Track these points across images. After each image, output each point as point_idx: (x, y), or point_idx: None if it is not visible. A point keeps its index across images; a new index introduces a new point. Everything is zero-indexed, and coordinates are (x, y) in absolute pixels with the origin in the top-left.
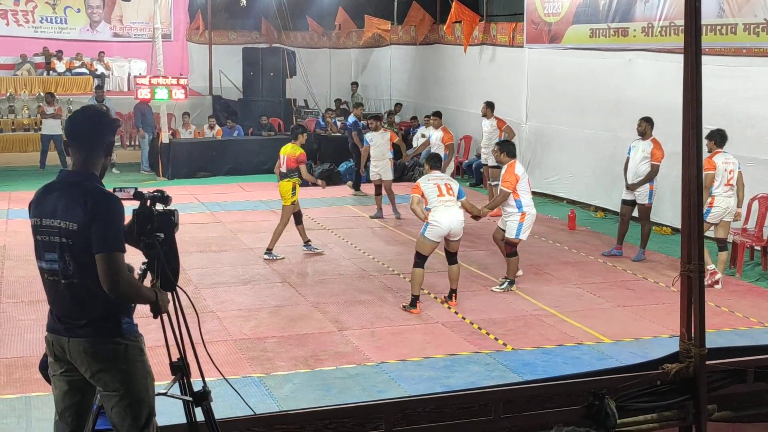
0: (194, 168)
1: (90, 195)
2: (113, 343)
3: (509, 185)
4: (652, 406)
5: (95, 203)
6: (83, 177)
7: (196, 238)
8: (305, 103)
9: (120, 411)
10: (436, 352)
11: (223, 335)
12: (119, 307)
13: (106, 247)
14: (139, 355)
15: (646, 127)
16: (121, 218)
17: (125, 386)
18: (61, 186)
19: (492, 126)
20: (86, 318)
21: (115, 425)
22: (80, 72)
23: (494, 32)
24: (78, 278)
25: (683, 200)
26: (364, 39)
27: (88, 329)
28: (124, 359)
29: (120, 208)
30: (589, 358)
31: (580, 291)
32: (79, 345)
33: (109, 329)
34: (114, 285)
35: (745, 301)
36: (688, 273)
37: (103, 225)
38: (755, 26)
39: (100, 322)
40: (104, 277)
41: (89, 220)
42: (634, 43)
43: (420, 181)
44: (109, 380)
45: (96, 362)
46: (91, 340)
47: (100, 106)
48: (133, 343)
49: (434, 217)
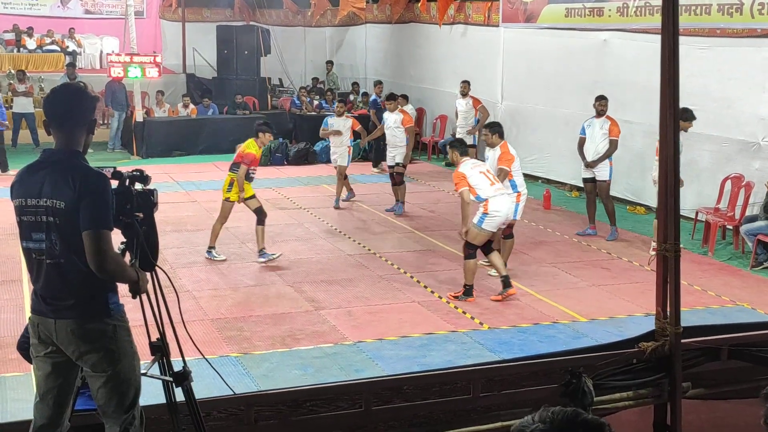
0: (169, 147)
1: (77, 172)
2: (102, 323)
3: (509, 164)
4: (628, 384)
5: (83, 181)
6: (68, 155)
7: (171, 218)
8: (280, 82)
9: (107, 392)
10: (413, 331)
11: (199, 315)
12: (106, 286)
13: (94, 225)
14: (127, 336)
15: (605, 105)
16: (109, 196)
17: (113, 367)
18: (45, 165)
19: (468, 105)
20: (73, 298)
21: (101, 406)
22: (51, 49)
23: (469, 11)
24: (65, 258)
25: (660, 180)
26: (339, 17)
27: (75, 310)
28: (113, 340)
29: (107, 185)
30: (564, 336)
31: (555, 270)
32: (66, 326)
33: (98, 310)
34: (101, 263)
35: (717, 280)
36: (664, 252)
37: (91, 202)
38: (729, 6)
39: (87, 302)
40: (91, 255)
41: (77, 198)
42: (610, 23)
43: (463, 171)
44: (96, 361)
45: (84, 343)
46: (79, 321)
47: (79, 83)
48: (121, 324)
49: (494, 206)
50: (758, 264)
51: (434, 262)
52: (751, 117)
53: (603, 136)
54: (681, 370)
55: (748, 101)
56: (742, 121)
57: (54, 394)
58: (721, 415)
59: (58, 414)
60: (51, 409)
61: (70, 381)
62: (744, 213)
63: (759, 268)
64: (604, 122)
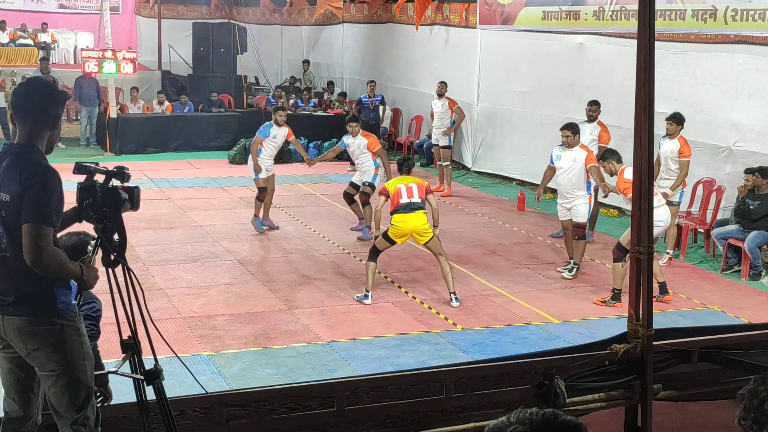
0: (143, 144)
1: (26, 166)
2: (49, 323)
3: None
4: (600, 385)
5: (29, 174)
6: (25, 149)
7: (145, 215)
8: (256, 80)
9: (57, 391)
10: (386, 331)
11: (172, 313)
12: (54, 283)
13: (33, 218)
14: (76, 335)
15: (596, 110)
16: (54, 192)
17: (61, 366)
18: (3, 158)
19: (444, 106)
20: (18, 294)
21: (53, 405)
22: (25, 43)
23: (447, 12)
24: (11, 252)
25: (634, 183)
26: (315, 16)
27: (21, 307)
28: (60, 340)
29: (54, 181)
30: (537, 338)
31: (528, 272)
32: (12, 323)
33: (45, 309)
34: (36, 258)
35: (688, 283)
36: (638, 255)
37: (34, 196)
38: (703, 12)
39: (32, 299)
40: (27, 249)
41: (21, 191)
42: (586, 26)
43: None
44: (45, 360)
45: (31, 341)
46: (26, 319)
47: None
48: (69, 323)
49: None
50: (729, 267)
51: (409, 263)
52: (724, 122)
53: (591, 141)
54: (652, 372)
55: (720, 106)
56: (714, 125)
57: (17, 389)
58: (691, 417)
59: (26, 406)
60: (17, 402)
61: (30, 376)
62: (715, 217)
63: (729, 272)
64: (594, 128)
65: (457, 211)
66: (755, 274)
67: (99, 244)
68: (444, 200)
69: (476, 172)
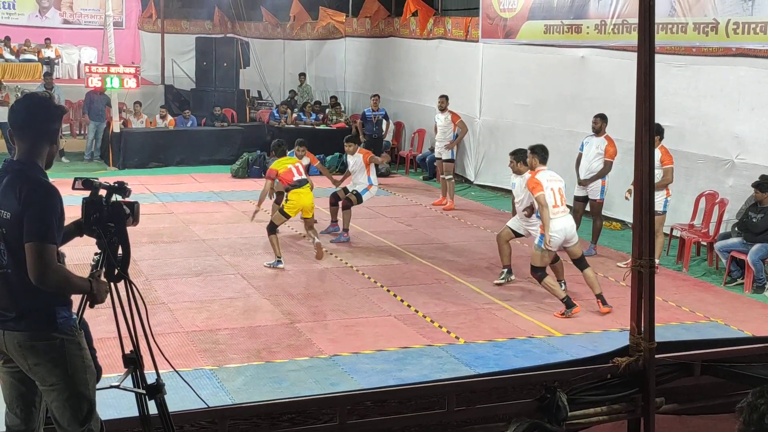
0: (146, 158)
1: (26, 183)
2: (49, 338)
3: None
4: (602, 398)
5: (29, 192)
6: (25, 166)
7: (147, 229)
8: (258, 94)
9: (59, 405)
10: (389, 345)
11: (174, 327)
12: (55, 299)
13: (36, 237)
14: (77, 350)
15: (602, 124)
16: (55, 209)
17: (63, 381)
18: (3, 175)
19: (446, 120)
20: (19, 310)
21: (55, 419)
22: (29, 59)
23: (449, 26)
24: (12, 268)
25: (635, 196)
26: (317, 28)
27: (21, 322)
28: (61, 354)
29: (55, 199)
30: (539, 351)
31: (531, 285)
32: (13, 338)
33: (44, 324)
34: (42, 276)
35: (691, 296)
36: (639, 268)
37: (35, 214)
38: (705, 25)
39: (33, 314)
40: (32, 268)
41: (22, 209)
42: (588, 40)
43: (540, 180)
44: (45, 375)
45: (32, 356)
46: (27, 334)
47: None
48: (69, 338)
49: (553, 227)
50: (732, 280)
51: (411, 276)
52: (726, 134)
53: (597, 155)
54: (655, 385)
55: (722, 119)
56: (716, 138)
57: (19, 403)
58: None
59: (28, 420)
60: (19, 417)
61: (31, 390)
62: (718, 230)
63: (732, 285)
64: (601, 142)
65: (460, 224)
66: (758, 286)
67: (102, 259)
68: (447, 214)
69: (479, 186)
